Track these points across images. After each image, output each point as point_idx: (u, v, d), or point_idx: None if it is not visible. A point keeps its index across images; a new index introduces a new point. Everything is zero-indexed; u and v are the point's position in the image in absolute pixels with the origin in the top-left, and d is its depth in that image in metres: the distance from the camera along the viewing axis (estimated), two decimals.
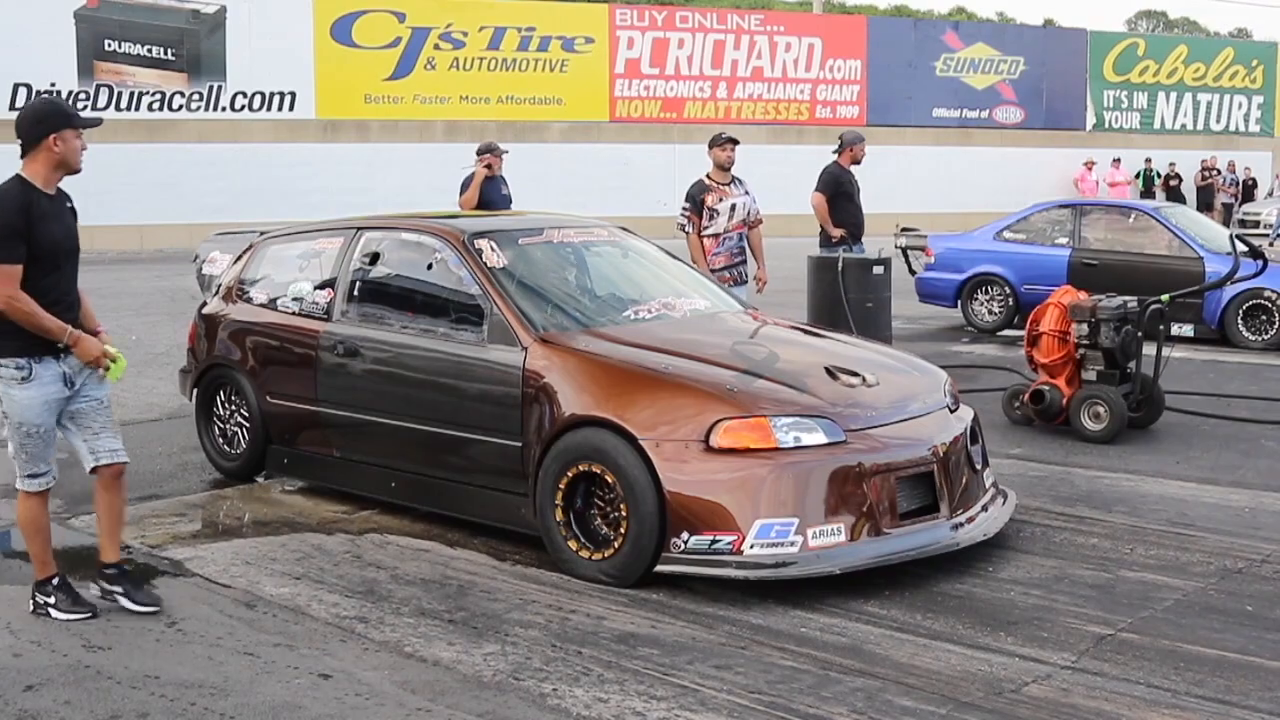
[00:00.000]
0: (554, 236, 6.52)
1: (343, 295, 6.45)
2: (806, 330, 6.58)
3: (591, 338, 5.64)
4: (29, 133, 4.59)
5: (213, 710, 3.84)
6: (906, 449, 5.27)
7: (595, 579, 5.08)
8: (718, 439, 4.97)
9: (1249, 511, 6.26)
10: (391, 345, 6.09)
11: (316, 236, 6.96)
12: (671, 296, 6.44)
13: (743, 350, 5.74)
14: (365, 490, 6.28)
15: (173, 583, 5.14)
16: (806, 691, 4.00)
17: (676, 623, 4.65)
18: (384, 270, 6.43)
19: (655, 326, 5.99)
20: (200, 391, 7.20)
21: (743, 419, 5.01)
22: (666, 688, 4.02)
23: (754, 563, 4.83)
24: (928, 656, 4.32)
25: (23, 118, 4.63)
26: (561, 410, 5.28)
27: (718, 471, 4.92)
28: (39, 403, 4.62)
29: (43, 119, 4.64)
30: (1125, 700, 3.96)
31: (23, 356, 4.56)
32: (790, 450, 4.98)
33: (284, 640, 4.46)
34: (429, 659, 4.28)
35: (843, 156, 11.28)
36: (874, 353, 6.14)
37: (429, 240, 6.21)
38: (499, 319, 5.66)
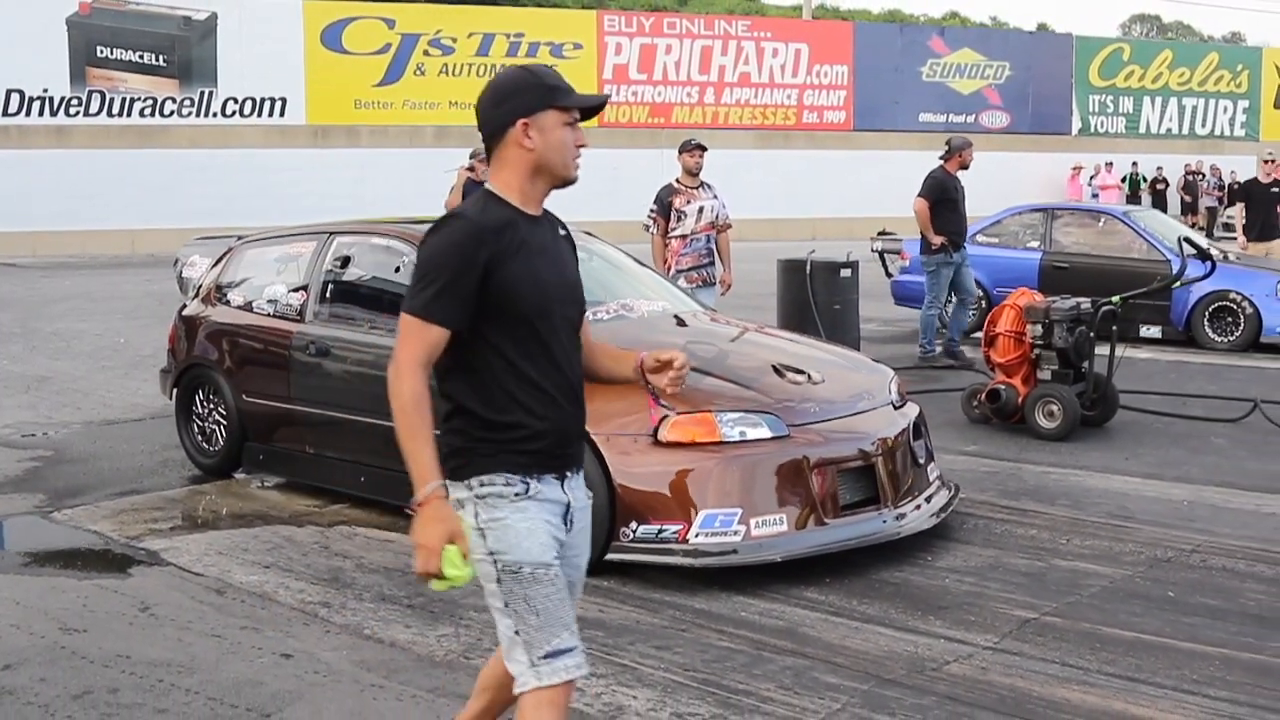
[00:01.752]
0: None
1: (315, 297, 6.70)
2: (760, 331, 6.83)
3: None
4: (489, 119, 2.89)
5: (179, 686, 4.09)
6: (849, 443, 5.52)
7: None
8: (665, 433, 5.22)
9: (1187, 505, 6.52)
10: (361, 345, 6.34)
11: (291, 241, 7.21)
12: (631, 298, 6.70)
13: (694, 349, 5.94)
14: (336, 485, 6.52)
15: (149, 571, 5.38)
16: (739, 670, 4.25)
17: (624, 607, 4.90)
18: (354, 273, 6.66)
19: (612, 327, 6.21)
20: (180, 391, 7.42)
21: (689, 414, 5.26)
22: (607, 666, 4.27)
23: (699, 551, 5.08)
24: (858, 638, 4.57)
25: (482, 98, 2.91)
26: None
27: (665, 464, 5.18)
28: (544, 533, 2.84)
29: (505, 97, 2.88)
30: (1039, 678, 4.22)
31: (516, 472, 2.86)
32: (735, 444, 5.24)
33: (250, 623, 4.70)
34: (386, 640, 4.53)
35: (950, 162, 11.41)
36: (823, 352, 6.40)
37: (397, 244, 6.45)
38: None
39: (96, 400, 9.58)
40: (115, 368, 11.12)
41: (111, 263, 22.97)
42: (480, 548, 2.78)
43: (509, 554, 2.77)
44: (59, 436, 8.23)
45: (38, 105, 24.85)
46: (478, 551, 2.78)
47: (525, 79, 2.88)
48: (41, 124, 24.88)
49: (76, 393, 9.87)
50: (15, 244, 23.58)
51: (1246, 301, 12.32)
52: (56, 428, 8.50)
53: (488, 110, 2.87)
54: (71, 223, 24.11)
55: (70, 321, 14.52)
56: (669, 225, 9.43)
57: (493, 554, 2.77)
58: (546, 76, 2.89)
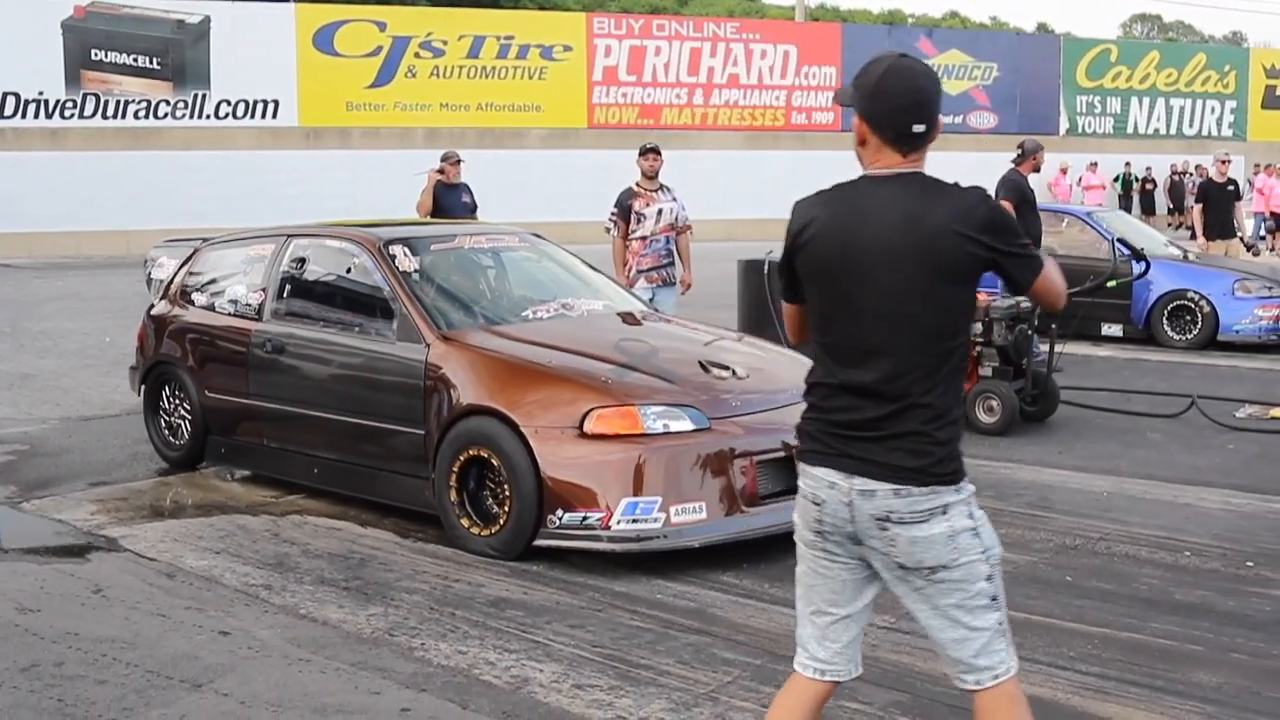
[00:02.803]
0: (465, 243, 7.16)
1: (272, 296, 7.00)
2: (695, 329, 7.12)
3: (488, 335, 6.23)
4: (936, 114, 2.92)
5: (120, 660, 4.40)
6: (769, 436, 5.80)
7: (484, 553, 5.64)
8: (590, 425, 5.51)
9: (1106, 496, 6.82)
10: (314, 342, 6.66)
11: (252, 243, 7.53)
12: (572, 298, 7.02)
13: (625, 346, 6.29)
14: (291, 476, 6.83)
15: (105, 557, 5.69)
16: (643, 646, 4.56)
17: (546, 589, 5.21)
18: (309, 274, 6.97)
19: (551, 325, 6.58)
20: (147, 387, 7.74)
21: (614, 408, 5.56)
22: (521, 643, 4.58)
23: (621, 537, 5.38)
24: (762, 619, 4.88)
25: (936, 91, 2.93)
26: (457, 400, 5.84)
27: (589, 455, 5.47)
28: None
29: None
30: (924, 654, 4.50)
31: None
32: (657, 436, 5.54)
33: (195, 604, 5.01)
34: (319, 619, 4.84)
35: (1024, 165, 11.57)
36: (754, 349, 6.70)
37: (349, 246, 6.79)
38: (406, 318, 6.23)
39: (76, 397, 9.88)
40: (98, 366, 11.43)
41: (105, 263, 23.28)
42: (976, 547, 2.83)
43: (995, 547, 2.89)
44: (36, 431, 8.54)
45: (33, 108, 25.19)
46: (972, 552, 2.82)
47: None
48: (37, 126, 25.22)
49: (58, 390, 10.19)
50: (10, 245, 23.90)
51: (1204, 300, 12.62)
52: (35, 423, 8.81)
53: (938, 105, 2.90)
54: (66, 224, 24.44)
55: (59, 321, 14.84)
56: (629, 228, 9.74)
57: (985, 551, 2.85)
58: None
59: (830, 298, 2.90)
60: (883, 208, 2.82)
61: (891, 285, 2.79)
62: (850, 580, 2.95)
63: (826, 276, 2.89)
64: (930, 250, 2.76)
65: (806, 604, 3.02)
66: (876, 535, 2.83)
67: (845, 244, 2.83)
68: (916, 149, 2.86)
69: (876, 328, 2.81)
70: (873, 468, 2.80)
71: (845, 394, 2.86)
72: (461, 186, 11.59)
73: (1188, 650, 4.57)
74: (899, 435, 2.79)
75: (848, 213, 2.86)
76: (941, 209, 2.79)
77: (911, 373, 2.79)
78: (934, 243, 2.76)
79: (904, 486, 2.78)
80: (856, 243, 2.82)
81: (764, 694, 4.10)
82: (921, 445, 2.79)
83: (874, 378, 2.80)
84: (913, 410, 2.78)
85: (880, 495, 2.80)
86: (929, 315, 2.80)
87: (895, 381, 2.79)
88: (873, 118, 2.87)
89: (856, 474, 2.82)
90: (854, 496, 2.82)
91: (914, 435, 2.78)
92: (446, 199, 11.38)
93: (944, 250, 2.76)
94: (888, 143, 2.86)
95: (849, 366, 2.85)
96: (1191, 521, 6.28)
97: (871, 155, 2.89)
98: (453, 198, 11.44)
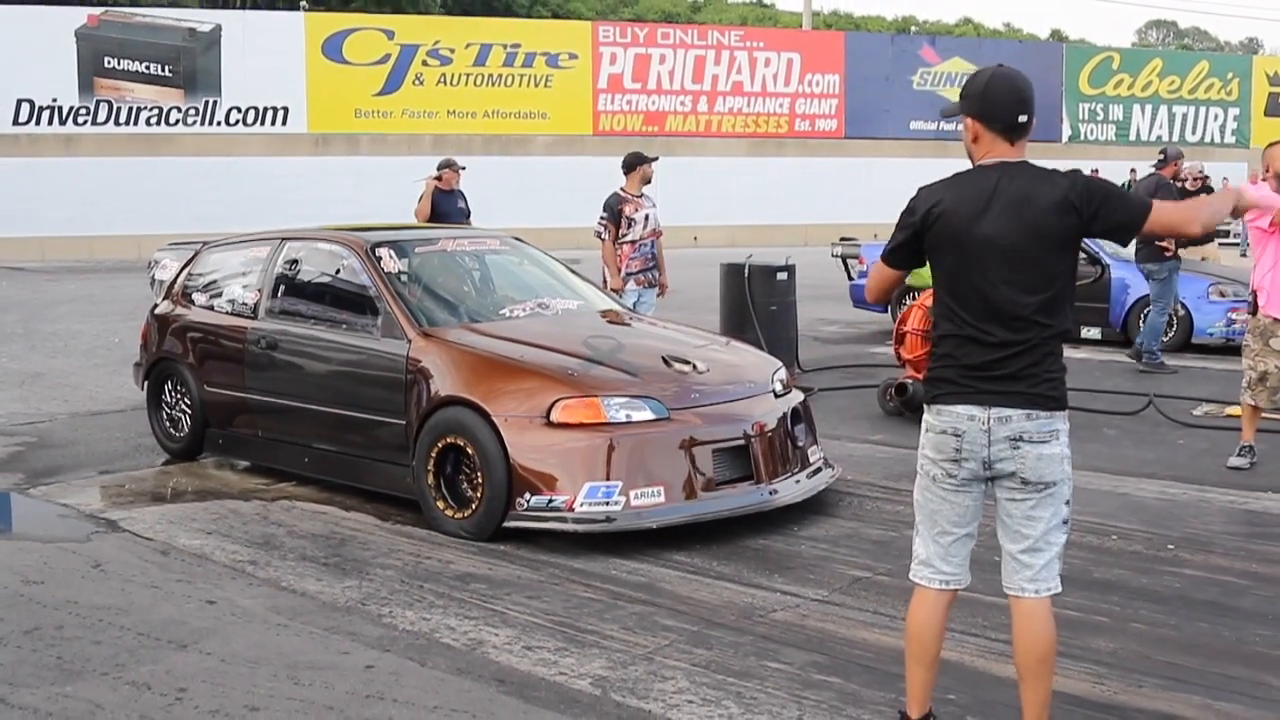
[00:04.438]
0: (448, 246, 7.62)
1: (267, 296, 7.45)
2: (663, 327, 7.53)
3: (465, 332, 6.65)
4: (1034, 109, 3.54)
5: (115, 624, 4.83)
6: (725, 426, 6.23)
7: (457, 534, 6.06)
8: (556, 415, 5.92)
9: None
10: (304, 339, 7.09)
11: (249, 245, 7.99)
12: (548, 297, 7.47)
13: (593, 343, 6.69)
14: (284, 465, 7.28)
15: (106, 537, 6.13)
16: (592, 615, 4.98)
17: (511, 566, 5.64)
18: (301, 275, 7.43)
19: (526, 323, 7.01)
20: (150, 383, 8.20)
21: (578, 398, 5.98)
22: (481, 611, 5.00)
23: (584, 518, 5.78)
24: (705, 592, 5.29)
25: (1032, 92, 3.54)
26: (434, 392, 6.27)
27: (555, 443, 5.88)
28: None
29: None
30: (849, 623, 4.92)
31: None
32: (619, 425, 5.95)
33: (185, 578, 5.45)
34: (298, 590, 5.28)
35: (1166, 169, 11.86)
36: (715, 347, 7.13)
37: (338, 249, 7.23)
38: (389, 315, 6.66)
39: (84, 394, 10.35)
40: (106, 365, 11.90)
41: (117, 267, 23.82)
42: (1069, 474, 3.53)
43: (1072, 479, 3.57)
44: (45, 426, 9.00)
45: (47, 114, 25.77)
46: (1067, 477, 3.51)
47: None
48: (51, 133, 25.80)
49: (67, 387, 10.65)
50: (25, 249, 24.46)
51: (1180, 304, 12.97)
52: (44, 418, 9.27)
53: (1034, 102, 3.51)
54: (79, 228, 25.00)
55: (70, 323, 15.34)
56: (619, 232, 10.16)
57: (1070, 479, 3.54)
58: None
59: (958, 264, 3.50)
60: (1000, 189, 3.43)
61: (1009, 254, 3.41)
62: (971, 506, 3.61)
63: (955, 246, 3.49)
64: (1039, 224, 3.38)
65: (931, 526, 3.68)
66: (1009, 455, 3.45)
67: (971, 218, 3.45)
68: (1022, 137, 3.50)
69: (998, 289, 3.42)
70: (1007, 398, 3.44)
71: (974, 343, 3.48)
72: (457, 193, 12.04)
73: (1092, 620, 4.96)
74: (1022, 373, 3.42)
75: (972, 194, 3.48)
76: (1047, 191, 3.40)
77: (1027, 323, 3.42)
78: (1042, 218, 3.38)
79: (1033, 411, 3.42)
80: (981, 218, 3.44)
81: (695, 655, 4.53)
82: (1040, 378, 3.43)
83: (998, 328, 3.43)
84: (1030, 351, 3.42)
85: (1015, 420, 3.43)
86: (1038, 278, 3.41)
87: (1017, 328, 3.42)
88: (985, 115, 3.50)
89: (994, 405, 3.45)
90: (992, 424, 3.45)
91: (1032, 372, 3.42)
92: (444, 205, 11.83)
93: (1050, 224, 3.38)
94: (999, 134, 3.49)
95: (978, 319, 3.47)
96: (1125, 509, 6.66)
97: (984, 149, 3.52)
98: (450, 203, 11.90)
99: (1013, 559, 3.58)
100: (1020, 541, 3.54)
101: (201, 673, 4.37)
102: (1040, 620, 3.56)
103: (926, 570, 3.72)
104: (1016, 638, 3.61)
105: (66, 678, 4.30)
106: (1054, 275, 3.44)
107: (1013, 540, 3.57)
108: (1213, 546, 5.96)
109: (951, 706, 4.11)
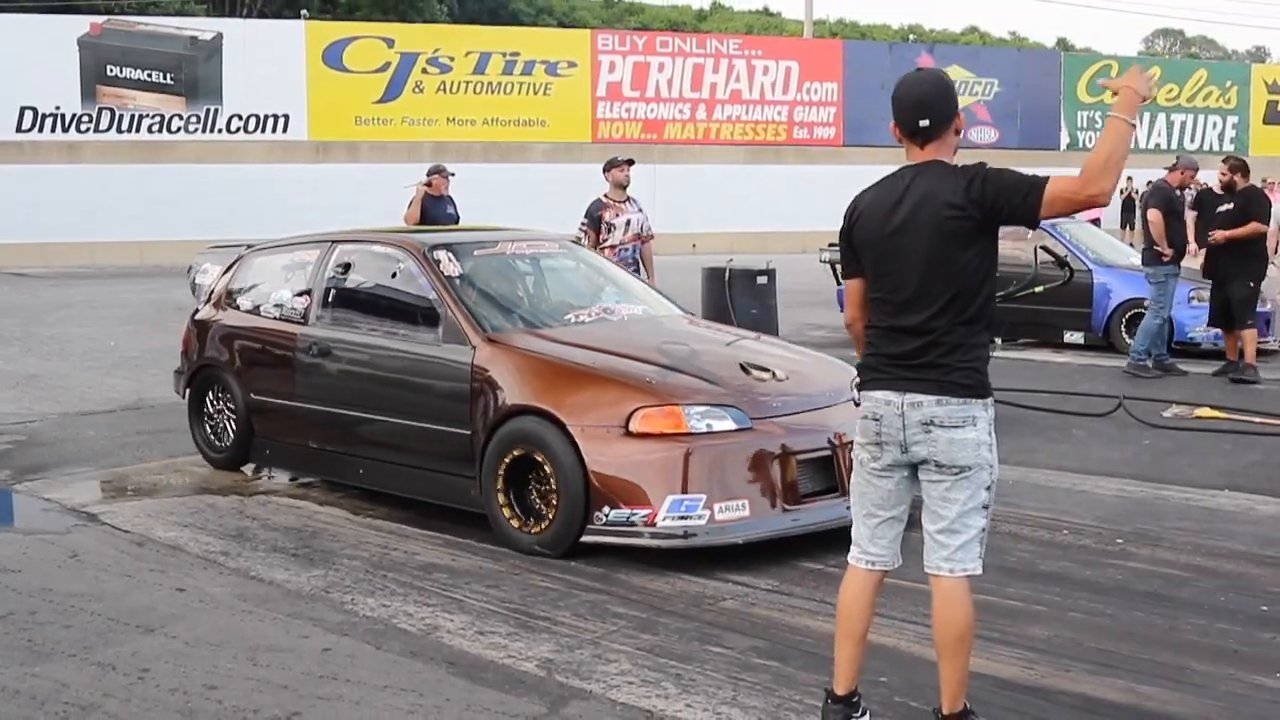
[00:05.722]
0: (507, 249, 7.31)
1: (318, 301, 7.15)
2: (732, 333, 7.46)
3: (533, 338, 6.39)
4: (944, 111, 3.65)
5: (86, 610, 5.02)
6: (808, 435, 5.94)
7: (531, 550, 5.79)
8: (636, 425, 5.65)
9: (1011, 483, 7.31)
10: (360, 346, 6.82)
11: (296, 249, 7.69)
12: (612, 302, 7.22)
13: (667, 349, 6.37)
14: (337, 477, 7.03)
15: (85, 529, 6.32)
16: (547, 602, 5.16)
17: (474, 558, 5.81)
18: (354, 279, 7.15)
19: (593, 328, 6.70)
20: (192, 391, 7.89)
21: (658, 407, 5.69)
22: (439, 599, 5.18)
23: (666, 533, 5.51)
24: (660, 582, 5.46)
25: (936, 94, 3.69)
26: (503, 401, 5.99)
27: (635, 454, 5.60)
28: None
29: (952, 95, 3.75)
30: (795, 612, 5.09)
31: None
32: (701, 435, 5.66)
33: (158, 567, 5.64)
34: (266, 579, 5.46)
35: (1172, 175, 11.94)
36: (791, 353, 6.98)
37: (394, 252, 6.97)
38: (451, 321, 6.37)
39: (76, 395, 10.55)
40: (100, 368, 12.10)
41: (118, 273, 24.07)
42: (989, 459, 3.65)
43: (996, 468, 3.70)
44: (35, 425, 9.20)
45: (50, 122, 26.04)
46: (985, 463, 3.63)
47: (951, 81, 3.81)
48: (53, 140, 26.07)
49: (60, 389, 10.85)
50: (27, 255, 24.71)
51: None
52: (35, 418, 9.47)
53: (943, 104, 3.66)
54: (81, 235, 25.26)
55: (68, 327, 15.55)
56: (599, 237, 10.33)
57: (991, 467, 3.66)
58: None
59: (877, 262, 3.72)
60: (910, 189, 3.63)
61: (916, 250, 3.60)
62: (894, 490, 3.77)
63: (873, 246, 3.71)
64: (941, 221, 3.56)
65: (860, 508, 3.85)
66: (922, 439, 3.63)
67: (883, 219, 3.67)
68: (929, 140, 3.65)
69: (910, 285, 3.62)
70: (920, 385, 3.62)
71: (893, 334, 3.68)
72: (446, 198, 12.22)
73: (1032, 610, 5.12)
74: (936, 362, 3.60)
75: (886, 196, 3.69)
76: (949, 188, 3.57)
77: (936, 316, 3.59)
78: (943, 214, 3.55)
79: (944, 397, 3.60)
80: (891, 218, 3.65)
81: (641, 640, 4.70)
82: (953, 367, 3.59)
83: (911, 321, 3.62)
84: (941, 342, 3.59)
85: (926, 405, 3.61)
86: (947, 272, 3.58)
87: (927, 322, 3.60)
88: (896, 120, 3.70)
89: (908, 391, 3.64)
90: (906, 409, 3.63)
91: (945, 362, 3.59)
92: (433, 210, 12.01)
93: (951, 219, 3.54)
94: (908, 138, 3.68)
95: (894, 313, 3.67)
96: (1080, 505, 6.83)
97: (907, 152, 3.72)
98: (439, 209, 12.07)
99: (931, 538, 3.73)
100: (937, 522, 3.70)
101: (165, 655, 4.55)
102: (957, 600, 3.71)
103: (855, 550, 3.90)
104: (935, 616, 3.77)
105: (36, 659, 4.48)
106: (962, 269, 3.58)
107: (931, 520, 3.72)
108: (1161, 541, 6.12)
109: (882, 689, 4.26)
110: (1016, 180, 3.54)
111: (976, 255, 3.62)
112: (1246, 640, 4.75)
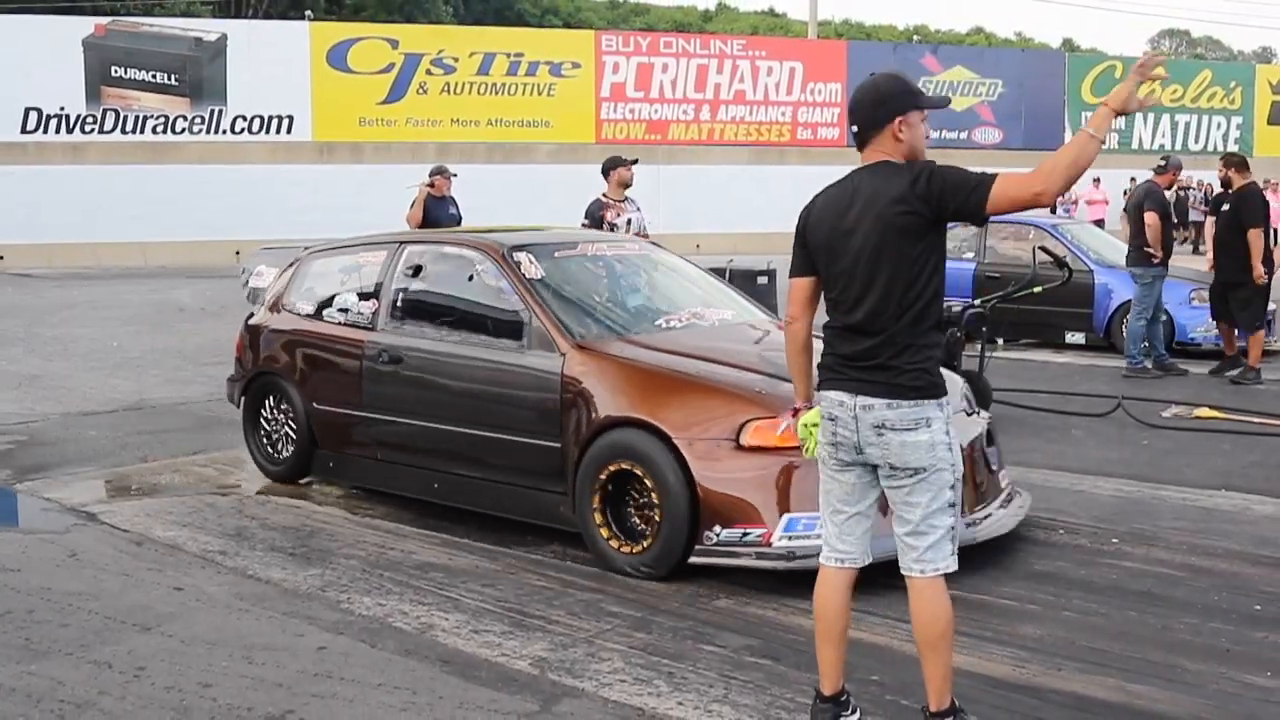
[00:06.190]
0: (588, 250, 6.94)
1: (386, 306, 6.79)
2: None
3: (626, 345, 6.00)
4: (869, 116, 3.68)
5: (84, 609, 5.05)
6: None
7: (631, 572, 5.47)
8: (747, 438, 5.32)
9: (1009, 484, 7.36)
10: (434, 353, 6.44)
11: (359, 251, 7.32)
12: (700, 307, 6.80)
13: (769, 356, 5.87)
14: (408, 491, 6.67)
15: (84, 529, 6.35)
16: (542, 602, 5.18)
17: (470, 557, 5.84)
18: (426, 282, 6.78)
19: (686, 334, 6.32)
20: (248, 399, 7.52)
21: (771, 419, 5.32)
22: (435, 598, 5.21)
23: (783, 554, 5.19)
24: (655, 581, 5.47)
25: (862, 100, 3.71)
26: (598, 412, 5.64)
27: (747, 469, 5.28)
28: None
29: (886, 100, 3.69)
30: (787, 610, 5.08)
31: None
32: None
33: (156, 566, 5.67)
34: (263, 578, 5.49)
35: (1162, 177, 11.95)
36: None
37: (470, 254, 6.59)
38: (538, 327, 6.01)
39: (78, 395, 10.58)
40: (102, 368, 12.14)
41: (122, 274, 24.13)
42: (948, 459, 3.63)
43: (959, 466, 3.71)
44: (37, 425, 9.23)
45: (55, 123, 26.11)
46: (943, 463, 3.62)
47: (898, 85, 3.73)
48: (58, 141, 26.15)
49: (62, 389, 10.89)
50: (31, 255, 24.78)
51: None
52: (36, 418, 9.51)
53: (869, 110, 3.66)
54: (85, 235, 25.32)
55: (70, 327, 15.60)
56: None
57: (953, 466, 3.65)
58: (910, 82, 3.78)
59: (829, 263, 3.72)
60: (859, 189, 3.64)
61: (864, 250, 3.60)
62: (856, 485, 3.77)
63: (825, 247, 3.72)
64: (887, 219, 3.56)
65: (826, 506, 3.86)
66: (875, 441, 3.63)
67: (834, 220, 3.69)
68: (866, 144, 3.69)
69: (858, 284, 3.62)
70: (870, 387, 3.61)
71: (845, 334, 3.68)
72: (448, 199, 12.24)
73: (1025, 609, 5.14)
74: (886, 364, 3.58)
75: (835, 197, 3.72)
76: (895, 186, 3.57)
77: (885, 314, 3.59)
78: (890, 212, 3.55)
79: (894, 400, 3.58)
80: (842, 219, 3.67)
81: (634, 639, 4.72)
82: (902, 369, 3.58)
83: (860, 319, 3.61)
84: (890, 343, 3.58)
85: (877, 408, 3.60)
86: (894, 271, 3.58)
87: (875, 321, 3.59)
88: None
89: (859, 394, 3.63)
90: (858, 411, 3.63)
91: (894, 364, 3.58)
92: (435, 211, 12.04)
93: (898, 218, 3.55)
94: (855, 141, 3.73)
95: (846, 312, 3.67)
96: (1077, 505, 6.84)
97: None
98: (441, 209, 12.11)
99: (900, 540, 3.73)
100: (903, 525, 3.70)
101: (161, 653, 4.57)
102: (932, 599, 3.70)
103: (825, 549, 3.90)
104: (913, 615, 3.78)
105: (32, 657, 4.51)
106: (909, 267, 3.58)
107: (898, 524, 3.72)
108: (1156, 541, 6.13)
109: (874, 687, 4.28)
110: (964, 177, 3.54)
111: (924, 251, 3.61)
112: (1239, 639, 4.76)
